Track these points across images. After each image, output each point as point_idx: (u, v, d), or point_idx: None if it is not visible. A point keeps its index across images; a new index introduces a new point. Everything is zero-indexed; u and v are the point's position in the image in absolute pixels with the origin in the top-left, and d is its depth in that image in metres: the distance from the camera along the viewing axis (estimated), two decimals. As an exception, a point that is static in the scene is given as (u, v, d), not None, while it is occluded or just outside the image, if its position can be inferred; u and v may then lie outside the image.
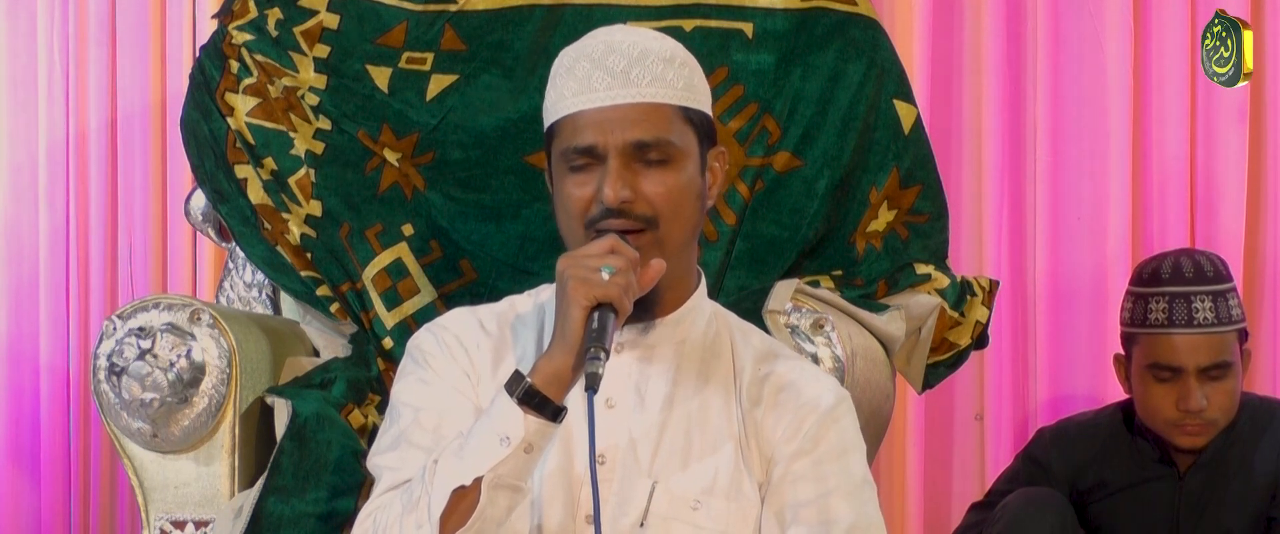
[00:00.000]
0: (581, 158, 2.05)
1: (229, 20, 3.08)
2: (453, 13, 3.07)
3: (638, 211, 2.03)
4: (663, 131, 2.05)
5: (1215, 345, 2.97)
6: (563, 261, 1.99)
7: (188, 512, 2.74)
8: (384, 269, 2.95)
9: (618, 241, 1.99)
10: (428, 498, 1.95)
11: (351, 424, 2.71)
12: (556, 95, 2.09)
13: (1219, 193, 3.67)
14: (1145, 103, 3.70)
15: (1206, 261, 3.03)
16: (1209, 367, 2.97)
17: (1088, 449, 3.09)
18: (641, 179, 2.04)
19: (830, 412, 2.11)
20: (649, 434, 2.09)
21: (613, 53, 2.06)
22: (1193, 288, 2.98)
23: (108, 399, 2.69)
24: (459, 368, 2.12)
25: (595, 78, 2.05)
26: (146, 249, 4.01)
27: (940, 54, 3.75)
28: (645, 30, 2.14)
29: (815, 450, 2.09)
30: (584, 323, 1.94)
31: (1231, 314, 2.99)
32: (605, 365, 1.91)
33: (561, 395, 1.96)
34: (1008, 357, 3.73)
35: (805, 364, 2.21)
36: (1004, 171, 3.72)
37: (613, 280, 1.95)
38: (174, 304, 2.72)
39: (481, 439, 1.95)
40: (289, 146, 3.01)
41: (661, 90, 2.05)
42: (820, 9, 3.00)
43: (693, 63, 2.12)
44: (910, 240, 2.98)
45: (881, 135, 2.98)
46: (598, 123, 2.04)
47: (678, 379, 2.12)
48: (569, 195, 2.06)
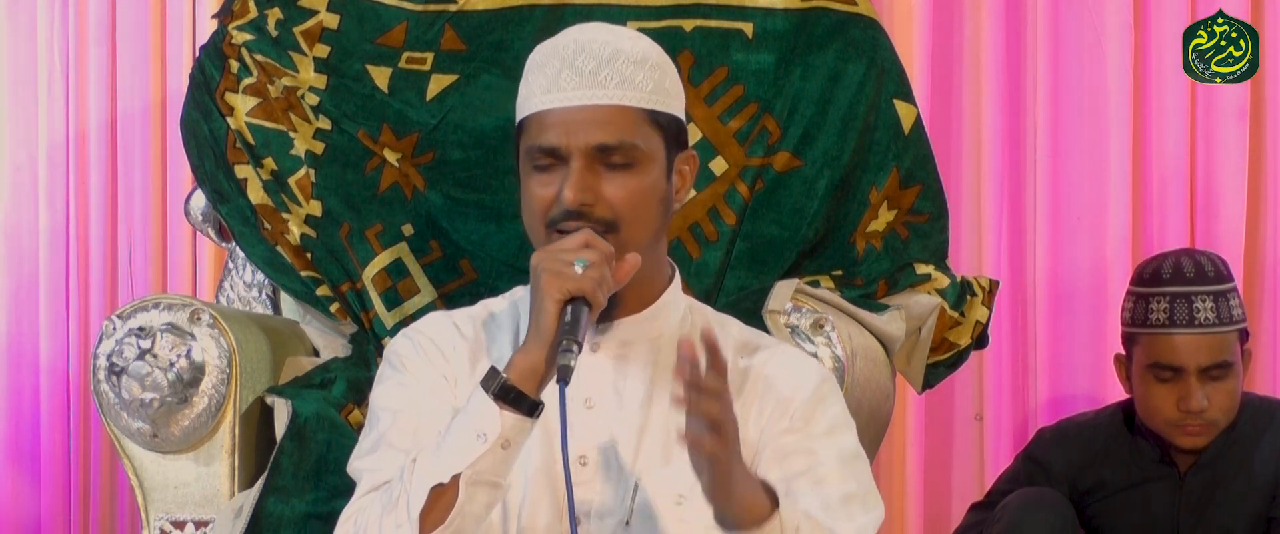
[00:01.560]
0: (545, 157, 2.05)
1: (229, 20, 3.08)
2: (453, 13, 3.07)
3: (597, 215, 2.03)
4: (627, 135, 2.04)
5: (1216, 345, 2.97)
6: (537, 256, 1.98)
7: (188, 512, 2.74)
8: (384, 269, 2.95)
9: (592, 236, 1.99)
10: (407, 496, 1.95)
11: (351, 424, 2.71)
12: (526, 91, 2.09)
13: (1219, 193, 3.67)
14: (1145, 103, 3.70)
15: (1207, 262, 3.03)
16: (1210, 367, 2.97)
17: (1088, 449, 3.09)
18: (603, 182, 2.04)
19: (814, 393, 2.12)
20: (629, 434, 2.09)
21: (583, 52, 2.05)
22: (1194, 288, 2.98)
23: (108, 399, 2.69)
24: (436, 372, 2.13)
25: (563, 77, 2.05)
26: (146, 249, 4.01)
27: (940, 54, 3.74)
28: (620, 29, 2.13)
29: (805, 428, 2.09)
30: (558, 316, 1.94)
31: (1232, 314, 2.99)
32: (577, 358, 1.91)
33: (537, 390, 1.96)
34: (1008, 357, 3.73)
35: (785, 350, 2.20)
36: (1004, 171, 3.72)
37: (586, 273, 1.94)
38: (174, 304, 2.72)
39: (459, 436, 1.95)
40: (289, 146, 3.01)
41: (629, 93, 2.05)
42: (820, 9, 3.00)
43: (666, 65, 2.11)
44: (910, 240, 2.98)
45: (881, 135, 2.98)
46: (563, 123, 2.04)
47: (655, 377, 2.12)
48: (532, 194, 2.06)
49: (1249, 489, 3.01)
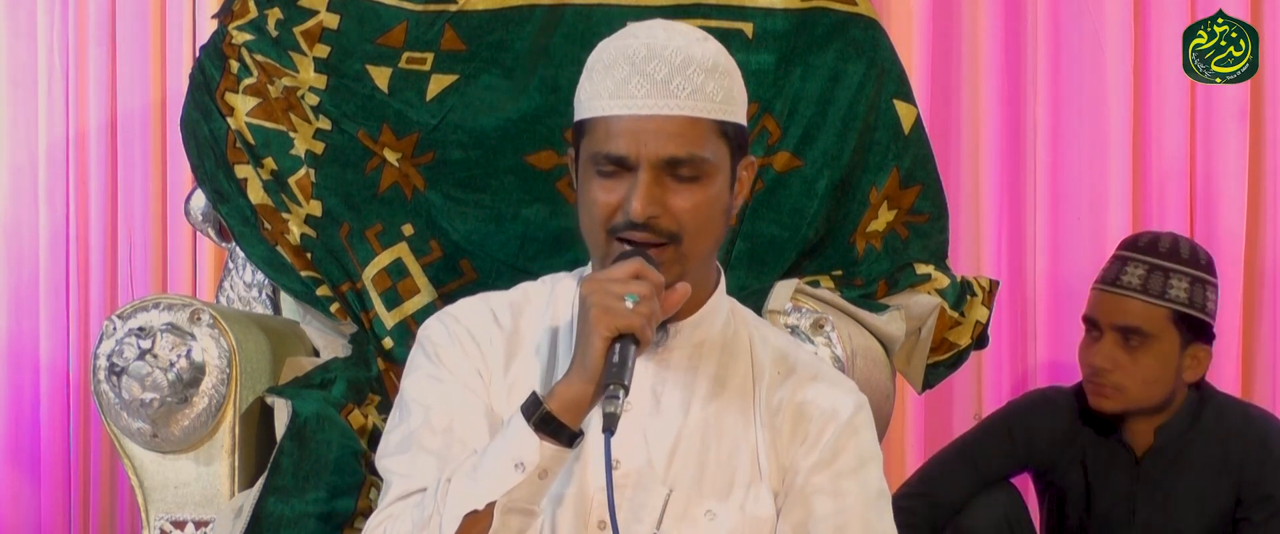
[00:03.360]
0: (611, 165, 2.00)
1: (229, 20, 3.08)
2: (453, 13, 3.07)
3: (662, 226, 2.00)
4: (697, 148, 2.00)
5: (1131, 310, 3.00)
6: (587, 286, 1.95)
7: (188, 512, 2.74)
8: (384, 269, 2.95)
9: (644, 266, 1.96)
10: (439, 518, 1.94)
11: (351, 424, 2.71)
12: (592, 91, 2.03)
13: (1219, 192, 3.67)
14: (1145, 103, 3.70)
15: (1177, 244, 3.05)
16: (1123, 328, 3.00)
17: (1061, 417, 3.11)
18: (671, 194, 2.00)
19: (850, 422, 2.10)
20: (665, 440, 2.07)
21: (654, 58, 2.00)
22: (1137, 256, 3.04)
23: (108, 399, 2.69)
24: (471, 364, 2.10)
25: (634, 83, 2.00)
26: (146, 249, 4.01)
27: (940, 54, 3.74)
28: (686, 29, 2.08)
29: (834, 463, 2.08)
30: (605, 354, 1.92)
31: (1165, 291, 3.00)
32: (624, 405, 1.89)
33: (578, 422, 1.94)
34: (1007, 357, 3.73)
35: (824, 367, 2.19)
36: (1004, 171, 3.72)
37: (636, 309, 1.92)
38: (174, 304, 2.72)
39: (496, 463, 1.93)
40: (289, 146, 3.01)
41: (700, 103, 2.01)
42: (820, 9, 3.00)
43: (734, 70, 2.07)
44: (910, 240, 2.98)
45: (881, 135, 2.98)
46: (632, 132, 1.99)
47: (695, 383, 2.09)
48: (594, 200, 2.02)
49: (1210, 485, 3.02)
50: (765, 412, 2.10)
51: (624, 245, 2.00)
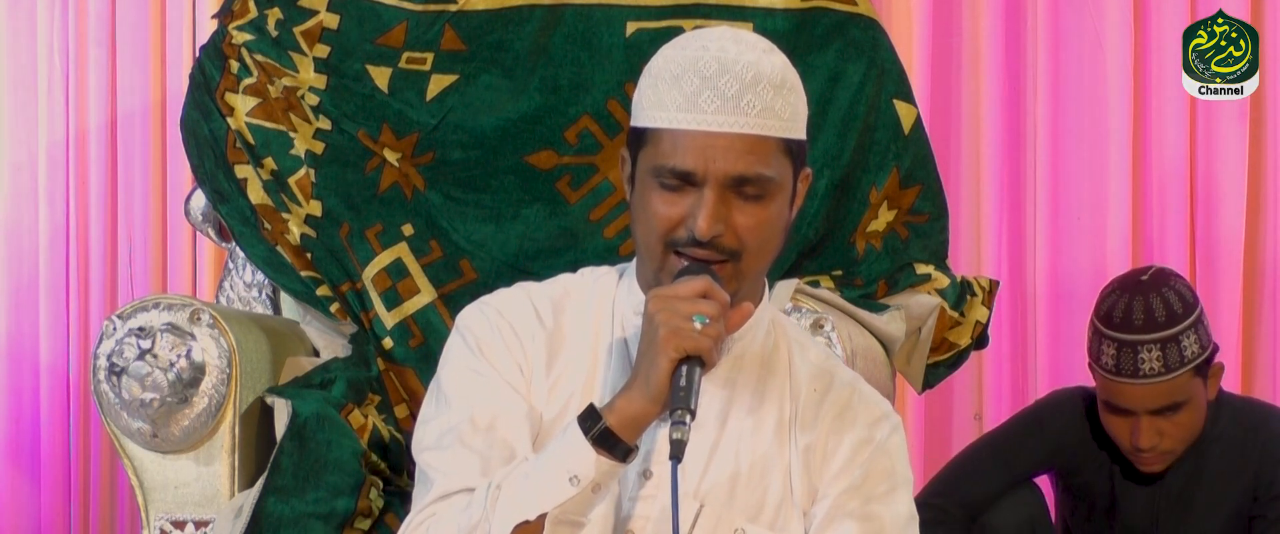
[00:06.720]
0: (676, 179, 1.97)
1: (229, 20, 3.08)
2: (453, 13, 3.07)
3: (725, 244, 1.97)
4: (764, 167, 1.97)
5: (1164, 391, 2.93)
6: (654, 302, 1.92)
7: (188, 512, 2.74)
8: (384, 269, 2.95)
9: (712, 286, 1.93)
10: (489, 526, 1.91)
11: (351, 424, 2.71)
12: (656, 100, 1.99)
13: (1219, 193, 3.67)
14: (1145, 103, 3.70)
15: (1160, 303, 2.96)
16: (1160, 409, 2.95)
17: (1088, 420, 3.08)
18: (735, 212, 1.97)
19: (883, 444, 2.08)
20: (699, 452, 2.03)
21: (725, 73, 1.96)
22: (1140, 337, 2.93)
23: (108, 399, 2.69)
24: (512, 359, 2.06)
25: (704, 98, 1.96)
26: (146, 249, 4.01)
27: (940, 54, 3.75)
28: (755, 41, 2.03)
29: (865, 486, 2.06)
30: (670, 374, 1.89)
31: (1183, 356, 2.93)
32: (690, 431, 1.87)
33: (635, 438, 1.91)
34: (1007, 357, 3.73)
35: (860, 385, 2.15)
36: (1003, 171, 3.72)
37: (705, 331, 1.89)
38: (174, 304, 2.72)
39: (549, 475, 1.91)
40: (289, 146, 3.01)
41: (770, 122, 1.97)
42: (820, 9, 3.00)
43: (798, 85, 2.04)
44: (910, 240, 2.99)
45: (881, 135, 2.98)
46: (701, 148, 1.96)
47: (732, 397, 2.07)
48: (655, 212, 1.98)
49: (1229, 487, 3.01)
50: (799, 430, 2.08)
51: (682, 260, 1.98)
